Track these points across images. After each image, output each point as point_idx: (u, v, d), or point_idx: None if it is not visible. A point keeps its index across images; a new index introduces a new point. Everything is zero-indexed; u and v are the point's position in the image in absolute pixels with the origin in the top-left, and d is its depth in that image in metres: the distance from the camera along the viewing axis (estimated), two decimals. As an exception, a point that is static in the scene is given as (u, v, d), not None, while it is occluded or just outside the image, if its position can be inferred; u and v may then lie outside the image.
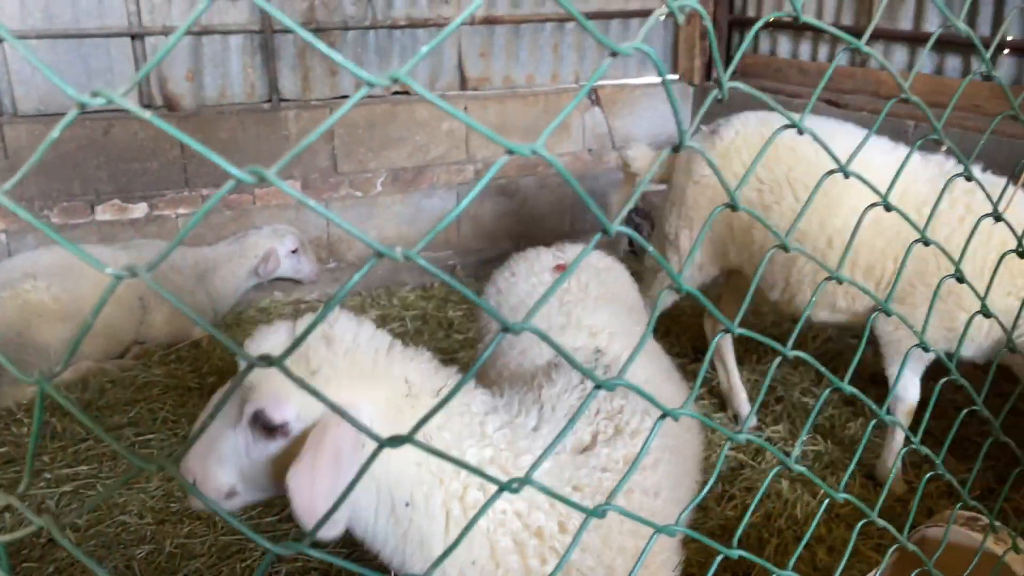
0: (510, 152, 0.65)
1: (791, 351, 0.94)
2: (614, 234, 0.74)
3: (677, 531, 0.92)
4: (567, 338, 2.35)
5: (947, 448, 1.53)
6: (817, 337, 4.66)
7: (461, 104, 5.57)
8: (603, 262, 2.99)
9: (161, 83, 4.96)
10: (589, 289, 2.62)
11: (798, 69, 5.56)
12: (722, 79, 0.77)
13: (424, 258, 3.78)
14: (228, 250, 4.90)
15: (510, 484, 0.77)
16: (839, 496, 1.05)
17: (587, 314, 2.45)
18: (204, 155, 0.63)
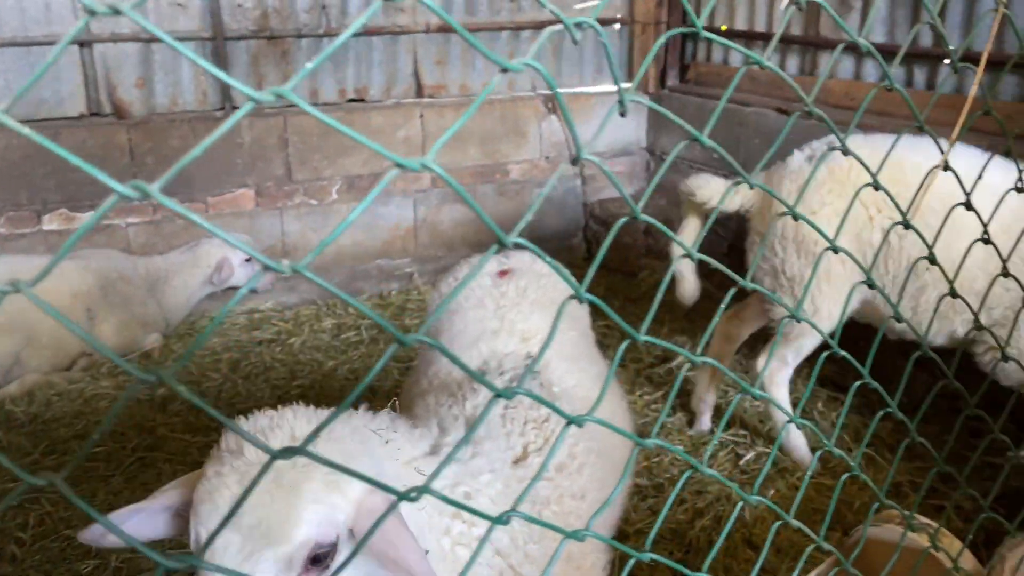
0: (399, 166, 0.66)
1: (699, 357, 0.96)
2: (511, 245, 0.75)
3: (586, 536, 0.93)
4: (499, 343, 2.37)
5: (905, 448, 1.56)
6: (766, 342, 4.72)
7: (417, 112, 5.57)
8: (543, 267, 2.95)
9: (110, 90, 4.89)
10: (527, 294, 2.63)
11: (749, 77, 5.65)
12: (622, 96, 0.79)
13: (383, 265, 3.84)
14: (180, 259, 4.85)
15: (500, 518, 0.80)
16: (752, 500, 1.07)
17: (521, 319, 2.47)
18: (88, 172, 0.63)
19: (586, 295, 0.80)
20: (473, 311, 2.61)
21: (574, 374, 2.33)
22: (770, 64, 0.90)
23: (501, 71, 0.77)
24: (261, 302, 5.29)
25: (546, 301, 2.59)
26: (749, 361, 4.34)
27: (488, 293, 2.69)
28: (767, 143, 5.21)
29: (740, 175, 0.94)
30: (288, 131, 5.21)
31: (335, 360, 4.61)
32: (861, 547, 1.72)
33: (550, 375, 2.26)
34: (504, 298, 2.62)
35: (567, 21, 0.77)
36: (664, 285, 1.02)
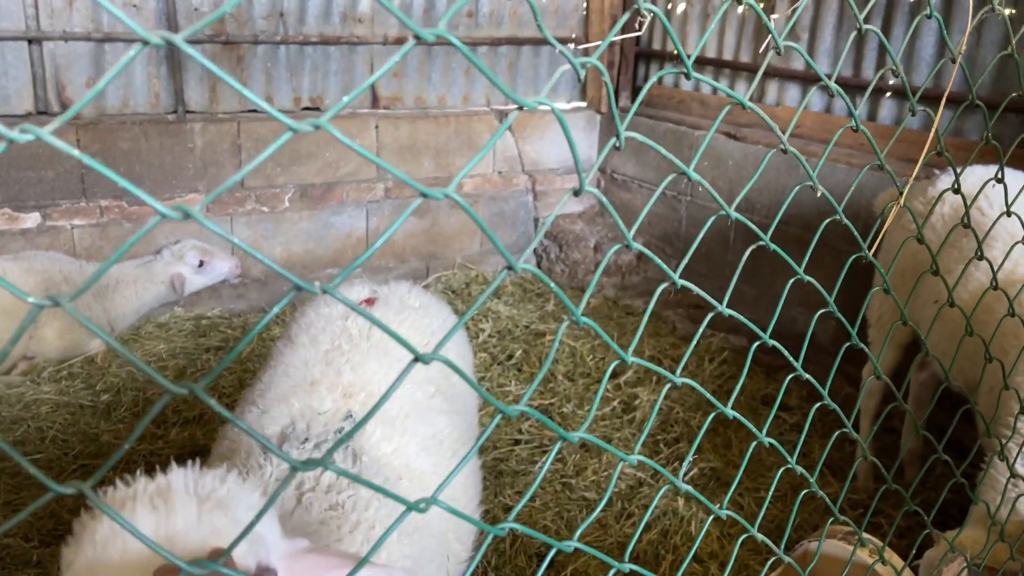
0: (424, 196, 0.69)
1: (680, 378, 1.01)
2: (519, 270, 0.79)
3: None
4: (313, 399, 2.02)
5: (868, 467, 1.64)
6: (714, 359, 4.85)
7: (372, 122, 5.57)
8: (419, 300, 2.66)
9: (59, 89, 4.79)
10: (373, 334, 2.26)
11: (699, 102, 5.80)
12: (620, 131, 0.84)
13: (333, 274, 3.82)
14: (133, 272, 4.73)
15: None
16: (722, 513, 1.13)
17: (351, 368, 2.12)
18: (132, 190, 0.65)
19: (583, 319, 0.85)
20: (304, 350, 2.25)
21: (394, 439, 1.98)
22: (751, 105, 0.96)
23: (518, 108, 0.81)
24: (208, 308, 5.22)
25: (396, 345, 2.07)
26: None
27: (329, 328, 2.32)
28: (715, 165, 5.36)
29: (722, 205, 1.00)
30: (242, 137, 5.16)
31: (285, 369, 4.57)
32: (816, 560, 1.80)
33: (363, 441, 1.92)
34: (344, 336, 2.25)
35: (575, 63, 0.81)
36: (649, 310, 1.08)
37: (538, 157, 6.22)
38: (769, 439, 1.16)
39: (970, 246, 2.95)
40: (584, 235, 6.15)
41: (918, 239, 1.29)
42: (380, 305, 2.50)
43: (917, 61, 4.46)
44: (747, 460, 1.24)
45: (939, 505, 1.79)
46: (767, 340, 1.10)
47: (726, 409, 1.06)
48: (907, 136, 4.46)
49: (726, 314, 1.02)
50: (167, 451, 3.59)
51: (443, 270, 6.04)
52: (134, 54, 0.57)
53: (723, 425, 4.13)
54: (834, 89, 1.04)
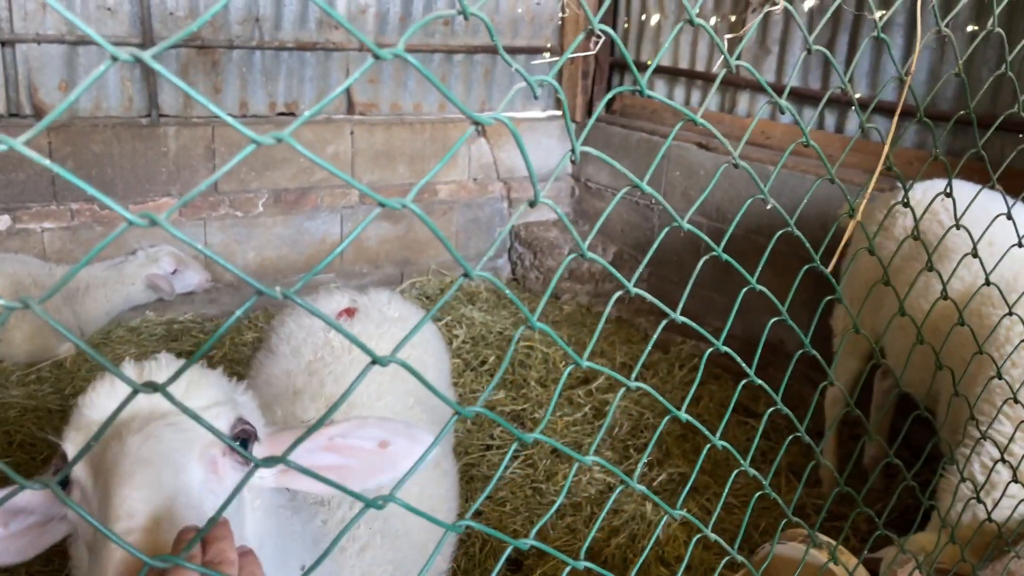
0: (382, 205, 0.72)
1: (634, 383, 1.05)
2: (475, 276, 0.82)
3: None
4: (296, 407, 2.04)
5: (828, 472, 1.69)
6: (684, 366, 4.91)
7: (348, 128, 5.59)
8: (399, 311, 2.64)
9: (31, 92, 4.77)
10: (355, 349, 2.26)
11: (673, 112, 5.88)
12: (575, 145, 0.88)
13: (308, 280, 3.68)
14: (104, 274, 4.71)
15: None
16: (676, 513, 1.17)
17: (333, 380, 2.13)
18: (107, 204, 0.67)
19: (538, 324, 0.88)
20: (286, 360, 2.26)
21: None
22: (703, 122, 1.01)
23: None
24: (180, 313, 5.20)
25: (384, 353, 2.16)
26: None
27: (310, 339, 2.33)
28: (687, 176, 5.43)
29: (675, 217, 1.04)
30: (216, 141, 5.16)
31: (245, 369, 4.56)
32: (769, 561, 1.85)
33: None
34: (326, 348, 2.26)
35: (531, 80, 0.84)
36: (605, 316, 1.11)
37: (513, 165, 6.26)
38: (723, 442, 1.21)
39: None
40: (558, 242, 6.20)
41: (870, 250, 1.34)
42: (360, 316, 2.49)
43: (882, 76, 4.56)
44: (704, 460, 1.28)
45: (895, 508, 1.85)
46: (719, 347, 1.15)
47: (680, 413, 1.10)
48: (873, 148, 4.56)
49: (679, 321, 1.06)
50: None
51: (417, 276, 6.06)
52: (104, 68, 0.60)
53: (691, 431, 4.19)
54: (782, 105, 1.08)
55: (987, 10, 3.93)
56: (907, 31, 4.34)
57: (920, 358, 2.73)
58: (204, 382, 1.29)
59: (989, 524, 2.03)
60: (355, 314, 2.50)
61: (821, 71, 4.94)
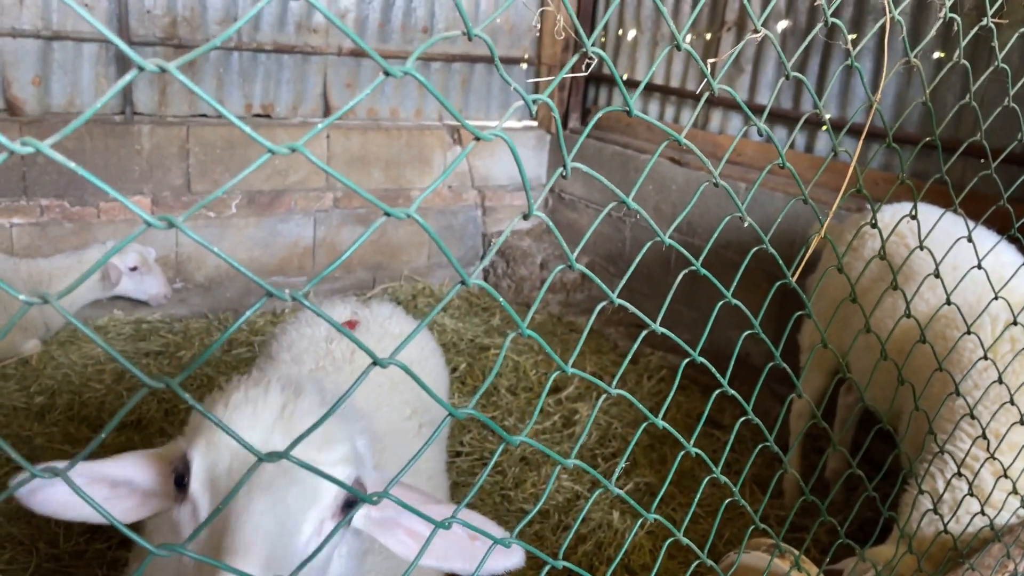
0: (387, 214, 0.75)
1: (615, 389, 1.09)
2: (472, 284, 0.86)
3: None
4: None
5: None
6: (652, 377, 4.97)
7: (324, 132, 5.59)
8: (400, 327, 2.65)
9: (4, 86, 4.71)
10: (356, 357, 2.30)
11: (646, 126, 5.96)
12: (567, 162, 0.91)
13: (278, 282, 3.78)
14: (65, 263, 4.67)
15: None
16: (651, 516, 1.21)
17: (336, 389, 2.11)
18: (108, 192, 0.69)
19: (528, 331, 0.92)
20: (287, 367, 2.29)
21: (375, 455, 1.90)
22: (688, 143, 1.05)
23: (475, 139, 0.87)
24: (149, 312, 5.16)
25: (378, 370, 2.14)
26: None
27: (312, 348, 2.36)
28: (659, 190, 5.51)
29: (658, 232, 1.08)
30: (190, 141, 5.13)
31: (226, 376, 4.54)
32: (734, 569, 1.90)
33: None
34: (327, 358, 2.29)
35: (528, 99, 0.88)
36: (589, 326, 1.15)
37: (488, 173, 6.30)
38: (696, 449, 1.25)
39: (899, 279, 3.11)
40: (531, 252, 6.25)
41: (838, 268, 1.39)
42: (361, 330, 2.50)
43: (852, 98, 4.67)
44: (675, 470, 1.33)
45: (854, 521, 1.91)
46: (696, 357, 1.19)
47: (657, 420, 1.15)
48: (842, 168, 4.67)
49: (659, 332, 1.10)
50: (102, 455, 3.54)
51: (390, 281, 6.07)
52: (130, 78, 0.62)
53: (659, 442, 4.25)
54: (762, 128, 1.13)
55: (953, 39, 4.06)
56: (876, 55, 4.46)
57: (883, 375, 2.82)
58: (337, 435, 1.33)
59: (945, 536, 2.10)
60: (356, 327, 2.51)
61: (793, 91, 5.05)
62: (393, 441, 2.11)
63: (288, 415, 1.32)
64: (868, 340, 2.91)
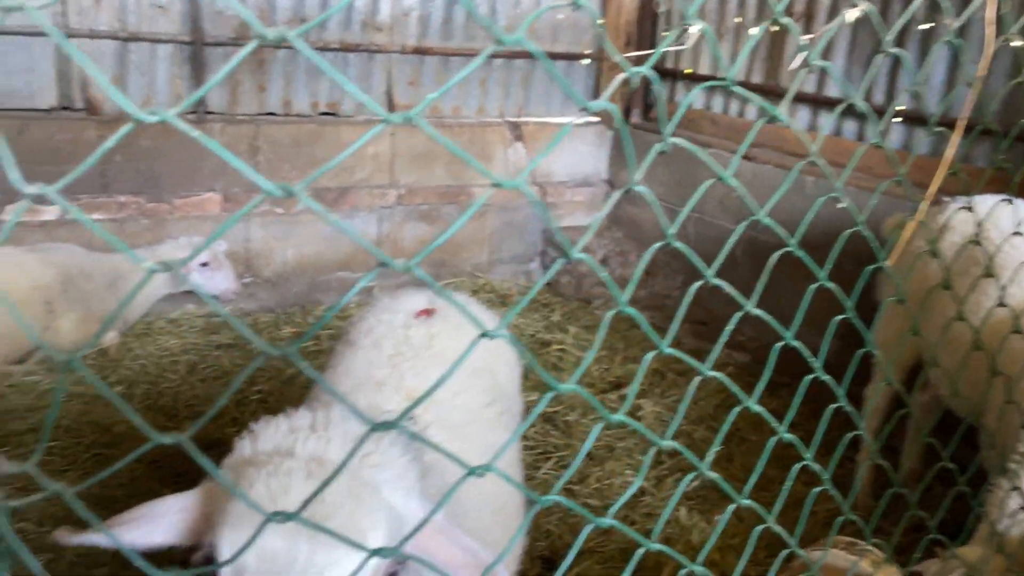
0: (496, 185, 0.76)
1: (709, 371, 1.08)
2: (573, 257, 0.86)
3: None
4: (379, 398, 2.07)
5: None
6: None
7: (389, 130, 5.66)
8: (476, 315, 2.72)
9: (83, 86, 4.88)
10: (434, 344, 2.33)
11: (710, 121, 5.89)
12: (632, 181, 0.91)
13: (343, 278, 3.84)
14: (141, 257, 4.81)
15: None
16: (743, 501, 1.19)
17: (413, 374, 2.17)
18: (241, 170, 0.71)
19: (628, 308, 0.91)
20: (367, 351, 2.31)
21: (455, 443, 1.98)
22: (786, 118, 1.03)
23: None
24: (220, 307, 5.28)
25: (455, 357, 2.13)
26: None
27: (390, 334, 2.38)
28: (722, 185, 5.43)
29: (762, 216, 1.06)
30: (260, 139, 5.24)
31: (294, 368, 4.63)
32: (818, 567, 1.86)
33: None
34: (406, 343, 2.32)
35: (592, 106, 0.87)
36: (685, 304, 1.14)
37: (549, 169, 6.30)
38: (790, 435, 1.23)
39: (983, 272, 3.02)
40: (592, 247, 6.23)
41: (932, 253, 1.36)
42: (438, 317, 2.52)
43: (928, 88, 4.54)
44: (763, 464, 1.31)
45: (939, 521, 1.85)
46: (790, 340, 1.17)
47: (751, 403, 1.13)
48: (916, 161, 4.54)
49: (753, 314, 1.09)
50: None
51: (451, 277, 6.11)
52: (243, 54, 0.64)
53: (726, 439, 4.18)
54: (862, 107, 1.11)
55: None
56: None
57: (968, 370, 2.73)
58: (364, 524, 1.29)
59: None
60: (433, 314, 2.53)
61: (859, 83, 4.93)
62: (473, 430, 2.13)
63: (311, 513, 1.30)
64: (948, 338, 2.84)
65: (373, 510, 1.30)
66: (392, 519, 1.34)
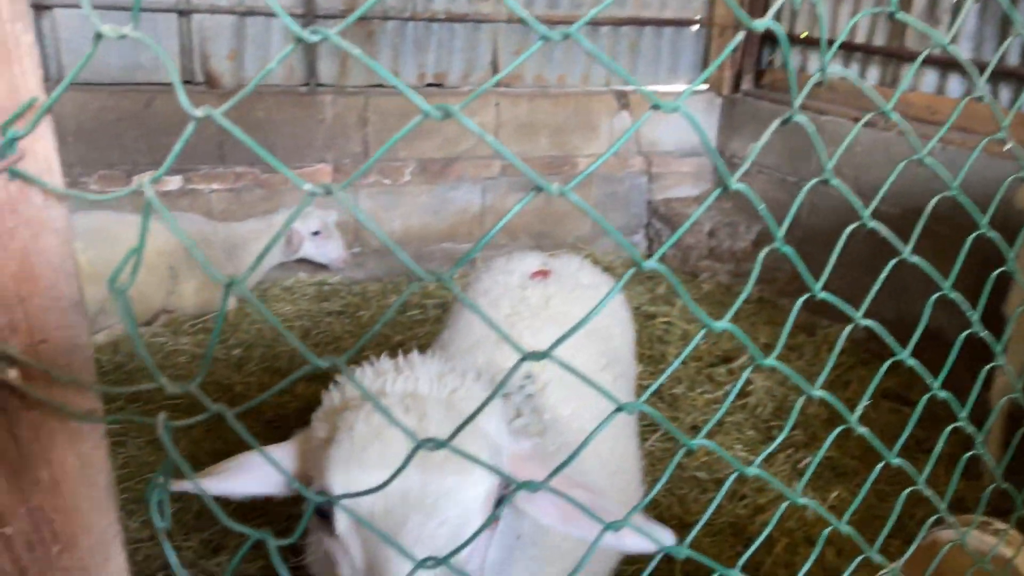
0: (538, 189, 0.73)
1: (766, 360, 1.02)
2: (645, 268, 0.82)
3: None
4: (497, 355, 2.09)
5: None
6: (831, 349, 4.73)
7: (493, 99, 5.65)
8: (590, 278, 2.68)
9: (203, 60, 5.05)
10: (551, 304, 2.34)
11: (827, 86, 5.64)
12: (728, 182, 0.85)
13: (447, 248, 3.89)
14: (256, 227, 5.00)
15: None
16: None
17: (531, 333, 2.20)
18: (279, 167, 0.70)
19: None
20: (486, 310, 2.34)
21: (572, 403, 2.03)
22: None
23: (652, 107, 0.83)
24: (330, 275, 5.43)
25: (571, 318, 2.05)
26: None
27: (508, 294, 2.41)
28: (843, 153, 5.20)
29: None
30: (369, 110, 5.33)
31: (402, 335, 4.72)
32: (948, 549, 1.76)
33: (544, 400, 1.94)
34: (523, 303, 2.35)
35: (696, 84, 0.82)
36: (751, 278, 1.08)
37: (655, 138, 6.18)
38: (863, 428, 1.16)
39: None
40: (699, 220, 6.08)
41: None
42: (553, 279, 2.53)
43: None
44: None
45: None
46: (859, 320, 1.10)
47: (812, 390, 1.07)
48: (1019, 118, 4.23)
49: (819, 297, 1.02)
50: (294, 404, 3.78)
51: (553, 249, 6.08)
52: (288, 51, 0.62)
53: (838, 416, 4.04)
54: (953, 52, 1.02)
55: None
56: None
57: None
58: (471, 449, 1.27)
59: None
60: (549, 276, 2.54)
61: (995, 42, 4.62)
62: (589, 391, 2.11)
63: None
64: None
65: (475, 438, 1.30)
66: (491, 447, 1.34)
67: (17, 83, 0.67)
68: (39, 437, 0.75)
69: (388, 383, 1.38)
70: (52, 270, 0.72)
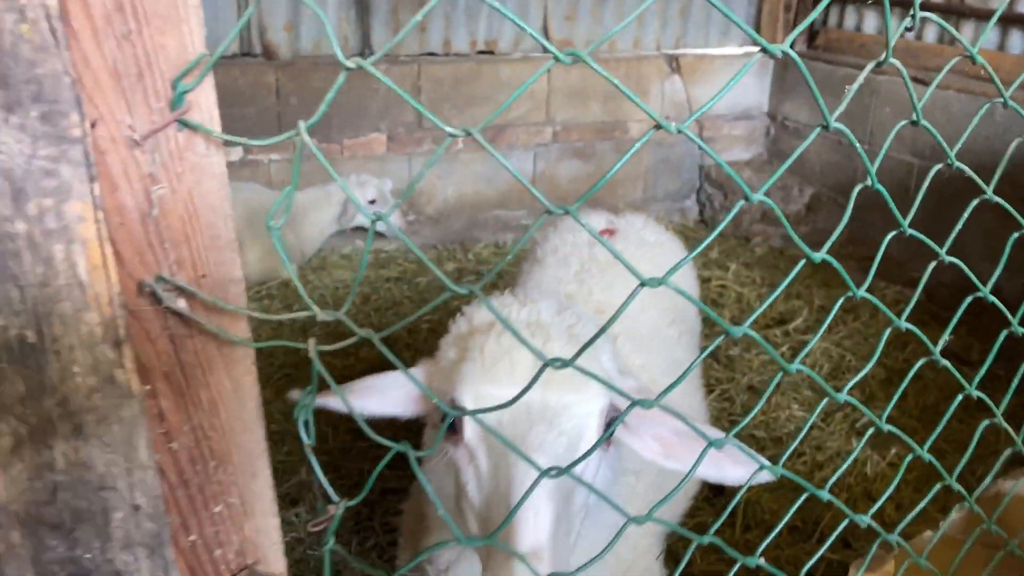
0: (658, 127, 0.78)
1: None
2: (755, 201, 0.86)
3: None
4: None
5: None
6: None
7: (544, 65, 5.66)
8: (655, 236, 2.75)
9: (261, 32, 5.15)
10: (619, 262, 2.41)
11: (883, 45, 5.54)
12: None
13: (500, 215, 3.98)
14: (315, 195, 5.11)
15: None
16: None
17: (601, 288, 2.27)
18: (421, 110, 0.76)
19: (827, 257, 0.91)
20: (554, 269, 2.43)
21: (641, 355, 2.10)
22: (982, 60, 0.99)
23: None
24: (386, 243, 5.54)
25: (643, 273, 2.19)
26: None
27: (576, 252, 2.48)
28: (898, 113, 5.13)
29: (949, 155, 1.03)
30: (422, 79, 5.39)
31: (459, 300, 4.80)
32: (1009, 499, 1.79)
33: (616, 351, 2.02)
34: (592, 261, 2.42)
35: (773, 48, 0.86)
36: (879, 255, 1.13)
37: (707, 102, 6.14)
38: (945, 361, 1.19)
39: None
40: (751, 183, 6.05)
41: None
42: (619, 237, 2.62)
43: None
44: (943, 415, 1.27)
45: None
46: (986, 294, 1.13)
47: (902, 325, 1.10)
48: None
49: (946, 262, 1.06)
50: (359, 366, 3.90)
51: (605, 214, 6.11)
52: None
53: (899, 376, 4.05)
54: None
55: None
56: None
57: None
58: (589, 368, 1.38)
59: None
60: (615, 234, 2.61)
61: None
62: (656, 345, 2.19)
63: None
64: None
65: (590, 360, 1.39)
66: (606, 375, 1.44)
67: (185, 41, 0.74)
68: (200, 362, 0.83)
69: (514, 312, 1.48)
70: (212, 211, 0.81)
